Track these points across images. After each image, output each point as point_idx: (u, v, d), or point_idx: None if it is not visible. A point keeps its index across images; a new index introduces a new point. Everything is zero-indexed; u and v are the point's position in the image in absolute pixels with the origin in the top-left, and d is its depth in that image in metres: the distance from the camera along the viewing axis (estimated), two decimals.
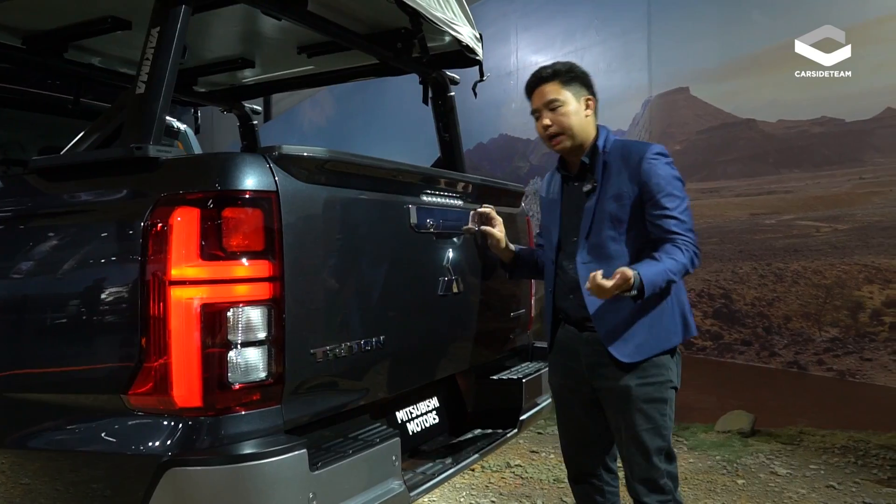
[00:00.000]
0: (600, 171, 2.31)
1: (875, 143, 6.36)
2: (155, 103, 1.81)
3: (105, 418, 1.71)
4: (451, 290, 2.42)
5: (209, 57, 3.21)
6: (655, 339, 2.25)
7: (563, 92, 2.32)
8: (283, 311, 1.70)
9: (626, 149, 2.32)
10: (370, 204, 2.08)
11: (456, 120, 3.27)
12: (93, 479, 1.73)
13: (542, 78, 2.36)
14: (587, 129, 2.35)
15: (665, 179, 2.23)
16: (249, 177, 1.68)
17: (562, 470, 4.08)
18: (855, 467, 4.13)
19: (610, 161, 2.31)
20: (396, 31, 2.82)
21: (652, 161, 2.24)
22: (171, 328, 1.62)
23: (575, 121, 2.31)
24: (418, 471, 2.25)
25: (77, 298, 1.78)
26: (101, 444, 1.70)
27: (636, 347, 2.24)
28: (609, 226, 2.27)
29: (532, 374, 2.85)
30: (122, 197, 1.77)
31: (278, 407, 1.73)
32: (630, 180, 2.25)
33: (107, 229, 1.76)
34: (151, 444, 1.63)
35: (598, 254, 2.28)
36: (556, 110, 2.31)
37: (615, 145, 2.34)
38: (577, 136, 2.32)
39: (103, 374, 1.72)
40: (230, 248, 1.65)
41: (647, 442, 2.25)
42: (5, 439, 1.86)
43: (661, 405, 2.27)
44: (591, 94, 2.38)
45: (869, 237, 6.35)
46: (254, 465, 1.59)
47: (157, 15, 1.88)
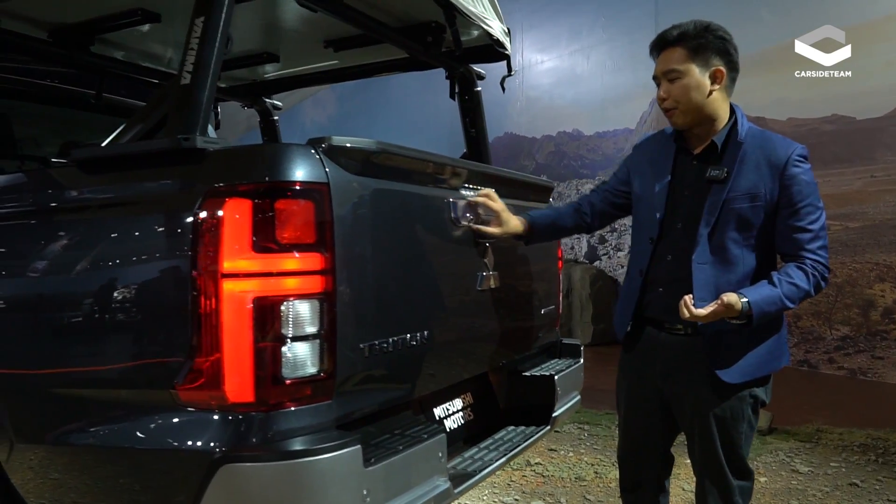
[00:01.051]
0: (733, 161, 2.04)
1: (886, 140, 6.37)
2: (201, 93, 1.77)
3: (152, 414, 1.68)
4: (488, 286, 2.39)
5: (233, 51, 3.18)
6: (762, 361, 2.07)
7: (685, 62, 2.03)
8: (334, 305, 1.68)
9: (769, 142, 2.05)
10: (414, 197, 2.05)
11: (483, 115, 3.25)
12: (140, 475, 1.70)
13: (667, 41, 2.07)
14: (711, 107, 2.06)
15: (809, 188, 2.01)
16: (300, 168, 1.65)
17: (581, 468, 4.08)
18: (876, 465, 4.11)
19: (748, 151, 2.04)
20: (427, 25, 2.79)
21: (799, 164, 2.01)
22: (224, 322, 1.59)
23: (694, 97, 2.04)
24: (459, 467, 2.22)
25: (122, 292, 1.74)
26: (149, 439, 1.67)
27: (741, 369, 2.05)
28: (736, 226, 2.02)
29: (563, 370, 2.82)
30: (169, 189, 1.74)
31: (330, 402, 1.70)
32: (771, 180, 2.01)
33: (154, 222, 1.72)
34: (203, 440, 1.59)
35: (719, 256, 2.04)
36: (674, 82, 2.05)
37: (752, 133, 2.07)
38: (695, 114, 2.06)
39: (150, 370, 1.69)
40: (283, 240, 1.62)
41: (722, 458, 2.10)
42: (45, 436, 1.83)
43: (742, 422, 2.10)
44: (727, 63, 2.05)
45: (880, 235, 6.37)
46: (310, 461, 1.56)
47: (200, 3, 1.85)
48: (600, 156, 9.23)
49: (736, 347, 2.05)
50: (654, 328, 2.20)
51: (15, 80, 3.00)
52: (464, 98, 3.21)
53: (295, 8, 2.70)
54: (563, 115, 9.47)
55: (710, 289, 2.03)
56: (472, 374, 2.43)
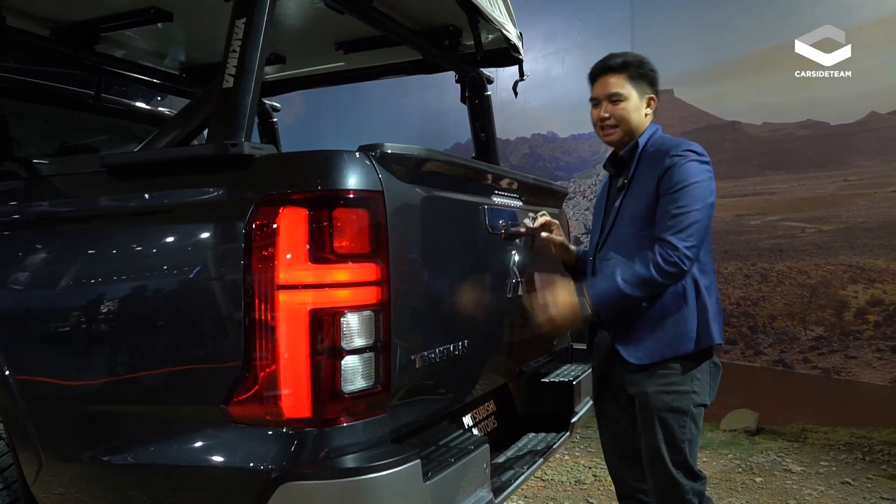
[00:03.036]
0: (633, 167, 2.22)
1: (859, 146, 6.52)
2: (245, 98, 1.72)
3: (201, 431, 1.62)
4: (517, 293, 2.37)
5: None
6: (666, 342, 2.13)
7: (627, 86, 2.22)
8: (389, 316, 1.64)
9: (661, 143, 2.20)
10: (456, 204, 2.02)
11: (492, 119, 3.23)
12: (188, 495, 1.64)
13: (610, 67, 2.25)
14: (641, 127, 2.27)
15: (683, 177, 2.08)
16: (354, 176, 1.61)
17: (580, 471, 4.09)
18: (864, 463, 4.21)
19: (644, 157, 2.21)
20: (445, 28, 2.76)
21: (677, 157, 2.11)
22: (280, 335, 1.54)
23: (634, 117, 2.24)
24: (494, 477, 2.20)
25: (164, 303, 1.68)
26: (198, 457, 1.61)
27: (646, 350, 2.14)
28: (632, 222, 2.17)
29: (580, 375, 2.82)
30: (215, 196, 1.67)
31: (385, 415, 1.66)
32: (654, 175, 2.13)
33: (199, 231, 1.66)
34: (259, 458, 1.54)
35: (619, 250, 2.18)
36: (616, 104, 2.23)
37: (655, 141, 2.24)
38: (630, 132, 2.24)
39: (199, 385, 1.63)
40: (340, 250, 1.57)
41: (664, 453, 2.14)
42: (81, 454, 1.75)
43: (681, 416, 2.14)
44: (655, 92, 2.29)
45: (854, 238, 6.51)
46: (374, 477, 1.52)
47: (241, 5, 1.79)
48: (575, 158, 9.27)
49: (637, 329, 2.16)
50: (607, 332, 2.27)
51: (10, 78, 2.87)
52: (474, 102, 3.18)
53: (308, 9, 2.65)
54: (537, 118, 9.48)
55: None
56: (502, 381, 2.41)
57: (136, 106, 3.35)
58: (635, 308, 2.13)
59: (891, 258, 6.33)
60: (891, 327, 6.32)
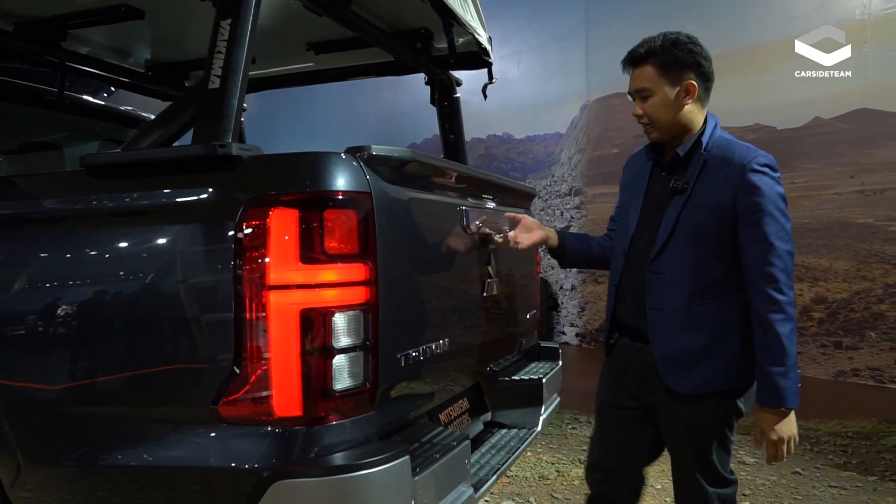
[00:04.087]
0: (696, 171, 2.01)
1: (804, 149, 6.77)
2: (232, 98, 1.73)
3: (190, 431, 1.62)
4: (491, 292, 2.42)
5: None
6: (718, 377, 2.00)
7: (656, 78, 2.00)
8: (378, 315, 1.67)
9: (731, 150, 1.99)
10: (436, 205, 2.06)
11: (461, 121, 3.27)
12: (179, 496, 1.64)
13: (636, 58, 2.05)
14: (685, 119, 2.04)
15: (769, 200, 1.92)
16: (343, 177, 1.63)
17: (543, 467, 4.17)
18: (812, 454, 4.39)
19: (710, 161, 2.00)
20: (418, 31, 2.80)
21: (757, 172, 1.93)
22: (271, 335, 1.56)
23: (668, 113, 2.02)
24: (473, 472, 2.24)
25: (152, 305, 1.67)
26: (187, 458, 1.61)
27: (694, 382, 2.01)
28: (693, 237, 1.99)
29: (549, 373, 2.89)
30: (203, 197, 1.67)
31: (372, 413, 1.69)
32: (727, 188, 1.95)
33: (188, 231, 1.66)
34: (250, 457, 1.55)
35: (675, 265, 2.01)
36: (646, 100, 2.03)
37: (718, 143, 2.02)
38: (670, 128, 2.04)
39: (188, 386, 1.63)
40: (331, 250, 1.59)
41: (694, 465, 2.06)
42: (63, 457, 1.73)
43: (712, 431, 2.05)
44: (699, 75, 2.03)
45: (799, 238, 6.77)
46: (367, 473, 1.54)
47: (226, 6, 1.80)
48: (530, 159, 9.41)
49: (688, 358, 2.02)
50: (629, 338, 2.19)
51: None
52: (443, 104, 3.22)
53: (281, 10, 2.65)
54: (493, 119, 9.58)
55: (662, 298, 2.04)
56: (477, 379, 2.46)
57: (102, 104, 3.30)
58: (691, 332, 1.99)
59: (834, 258, 6.60)
60: (834, 324, 6.59)
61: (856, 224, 6.51)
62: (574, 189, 8.81)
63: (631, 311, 2.15)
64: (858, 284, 6.46)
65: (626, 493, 2.29)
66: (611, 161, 8.40)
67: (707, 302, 2.01)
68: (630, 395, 2.20)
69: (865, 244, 6.45)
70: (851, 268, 6.51)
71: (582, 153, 8.75)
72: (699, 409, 2.04)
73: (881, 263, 6.35)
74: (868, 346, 6.36)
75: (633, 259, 2.15)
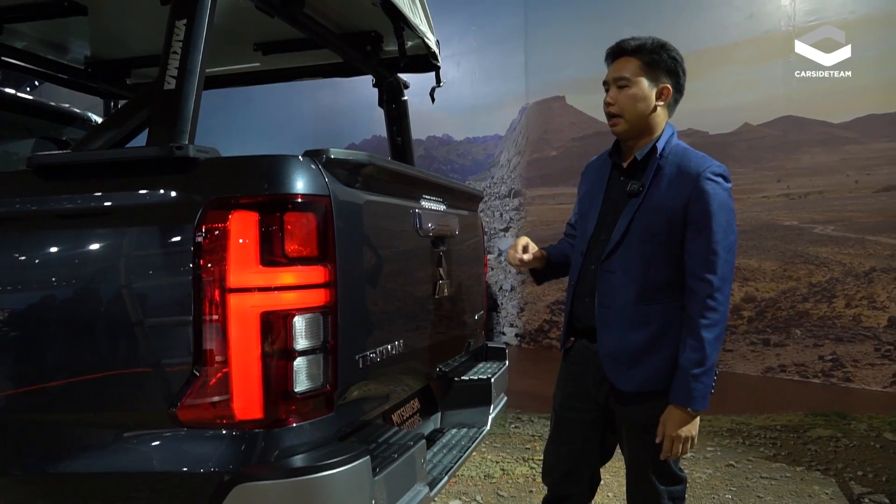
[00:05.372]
0: (650, 175, 2.08)
1: (735, 154, 7.03)
2: (188, 100, 1.71)
3: (149, 435, 1.60)
4: (442, 293, 2.46)
5: (151, 48, 3.03)
6: (658, 376, 2.07)
7: (638, 72, 2.08)
8: (337, 317, 1.68)
9: (686, 158, 2.07)
10: (392, 208, 2.08)
11: (409, 123, 3.30)
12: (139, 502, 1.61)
13: (624, 50, 2.12)
14: (651, 121, 2.11)
15: (718, 207, 1.98)
16: (302, 180, 1.64)
17: (488, 465, 4.22)
18: (744, 447, 4.57)
19: (664, 166, 2.07)
20: (367, 34, 2.81)
21: (710, 180, 2.00)
22: (231, 338, 1.55)
23: (639, 107, 2.08)
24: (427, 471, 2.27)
25: (109, 310, 1.64)
26: (147, 463, 1.59)
27: (635, 380, 2.09)
28: (644, 238, 2.06)
29: (497, 373, 2.94)
30: (158, 199, 1.65)
31: (332, 415, 1.70)
32: (681, 195, 2.01)
33: (144, 233, 1.63)
34: (212, 461, 1.54)
35: (626, 265, 2.08)
36: (622, 89, 2.09)
37: (675, 150, 2.10)
38: (636, 124, 2.10)
39: (146, 390, 1.61)
40: (290, 253, 1.60)
41: (646, 463, 2.14)
42: (11, 467, 1.68)
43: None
44: (673, 84, 2.12)
45: None
46: (329, 474, 1.55)
47: (181, 5, 1.78)
48: (470, 161, 9.48)
49: (630, 356, 2.09)
50: (586, 339, 2.24)
51: None
52: (391, 106, 3.24)
53: (230, 9, 2.62)
54: (433, 120, 9.62)
55: (615, 296, 2.11)
56: (428, 380, 2.48)
57: (36, 100, 3.19)
58: (637, 330, 2.07)
59: (762, 258, 6.88)
60: (762, 322, 6.87)
61: (782, 226, 6.80)
62: (513, 191, 8.93)
63: (588, 311, 2.20)
64: (785, 284, 6.75)
65: (583, 493, 2.36)
66: (549, 163, 8.55)
67: (653, 303, 2.08)
68: (588, 398, 2.25)
69: (791, 245, 6.74)
70: (778, 268, 6.80)
71: (521, 155, 8.87)
72: (648, 408, 2.10)
73: (805, 264, 6.65)
74: (794, 343, 6.65)
75: (590, 260, 2.21)
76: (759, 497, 3.75)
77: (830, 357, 6.43)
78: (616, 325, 2.11)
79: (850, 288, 6.41)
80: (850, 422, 5.02)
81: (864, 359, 6.27)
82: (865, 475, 4.01)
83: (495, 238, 9.06)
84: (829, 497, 3.72)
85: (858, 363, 6.29)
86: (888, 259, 6.24)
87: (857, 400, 5.83)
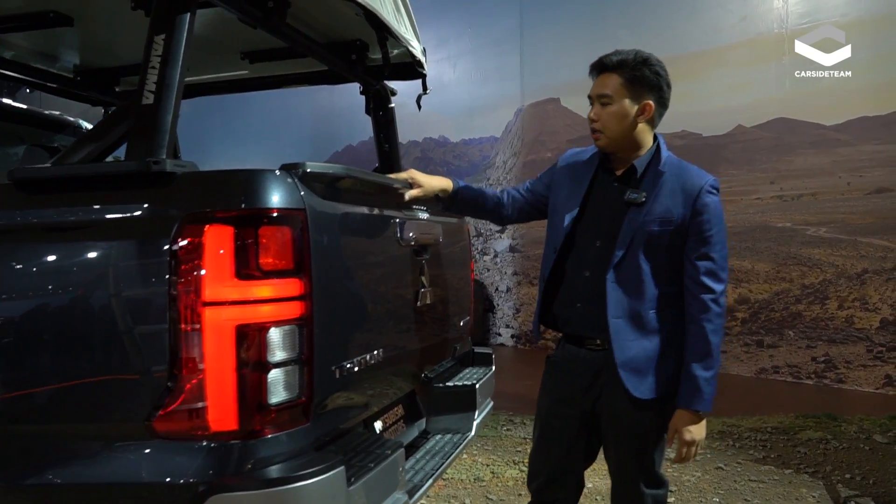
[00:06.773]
0: (652, 186, 2.13)
1: (728, 156, 7.05)
2: (166, 115, 1.74)
3: (121, 447, 1.62)
4: (425, 301, 2.48)
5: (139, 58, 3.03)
6: (668, 381, 2.13)
7: (619, 89, 2.11)
8: (312, 329, 1.70)
9: (686, 172, 2.14)
10: (370, 219, 2.10)
11: (396, 130, 3.32)
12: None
13: (606, 66, 2.14)
14: (634, 136, 2.15)
15: (717, 218, 2.09)
16: (278, 194, 1.66)
17: (478, 468, 4.25)
18: (734, 450, 4.60)
19: (665, 178, 2.13)
20: (352, 43, 2.83)
21: (710, 194, 2.09)
22: (206, 351, 1.57)
23: (620, 126, 2.13)
24: (407, 479, 2.29)
25: (86, 323, 1.66)
26: (121, 475, 1.60)
27: (650, 387, 2.13)
28: (649, 248, 2.11)
29: (482, 378, 2.96)
30: (136, 213, 1.67)
31: (308, 425, 1.72)
32: (684, 207, 2.08)
33: (121, 247, 1.65)
34: (186, 472, 1.57)
35: (631, 276, 2.12)
36: (605, 106, 2.13)
37: (671, 162, 2.16)
38: (619, 140, 2.15)
39: (121, 402, 1.63)
40: (265, 266, 1.62)
41: (633, 467, 2.20)
42: None
43: (652, 433, 2.18)
44: (656, 99, 2.14)
45: None
46: (304, 485, 1.58)
47: (159, 21, 1.80)
48: (466, 162, 9.51)
49: (645, 364, 2.13)
50: (574, 345, 2.28)
51: None
52: (378, 113, 3.26)
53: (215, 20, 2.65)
54: (429, 122, 9.65)
55: (623, 306, 2.14)
56: (412, 387, 2.51)
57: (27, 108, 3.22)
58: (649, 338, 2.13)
59: (756, 260, 6.90)
60: (756, 323, 6.89)
61: (775, 228, 6.82)
62: None
63: (582, 319, 2.23)
64: (778, 285, 6.77)
65: (568, 498, 2.39)
66: (545, 165, 8.51)
67: (661, 310, 2.14)
68: (575, 404, 2.28)
69: (784, 247, 6.76)
70: (772, 270, 6.82)
71: (516, 157, 8.89)
72: (650, 413, 2.15)
73: (798, 265, 6.68)
74: (787, 344, 6.67)
75: (583, 265, 2.23)
76: (746, 500, 3.78)
77: (823, 358, 6.46)
78: (630, 335, 2.14)
79: (843, 289, 6.44)
80: (840, 424, 5.04)
81: (856, 360, 6.30)
82: (853, 478, 4.04)
83: (491, 240, 9.09)
84: (817, 500, 3.75)
85: (851, 364, 6.32)
86: (880, 261, 6.27)
87: (848, 402, 5.86)
